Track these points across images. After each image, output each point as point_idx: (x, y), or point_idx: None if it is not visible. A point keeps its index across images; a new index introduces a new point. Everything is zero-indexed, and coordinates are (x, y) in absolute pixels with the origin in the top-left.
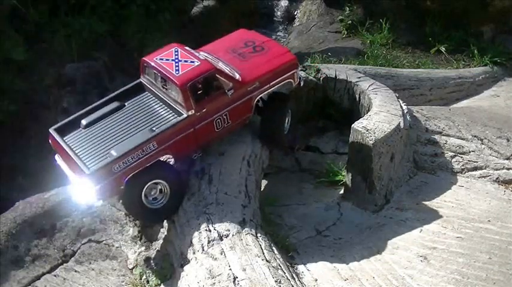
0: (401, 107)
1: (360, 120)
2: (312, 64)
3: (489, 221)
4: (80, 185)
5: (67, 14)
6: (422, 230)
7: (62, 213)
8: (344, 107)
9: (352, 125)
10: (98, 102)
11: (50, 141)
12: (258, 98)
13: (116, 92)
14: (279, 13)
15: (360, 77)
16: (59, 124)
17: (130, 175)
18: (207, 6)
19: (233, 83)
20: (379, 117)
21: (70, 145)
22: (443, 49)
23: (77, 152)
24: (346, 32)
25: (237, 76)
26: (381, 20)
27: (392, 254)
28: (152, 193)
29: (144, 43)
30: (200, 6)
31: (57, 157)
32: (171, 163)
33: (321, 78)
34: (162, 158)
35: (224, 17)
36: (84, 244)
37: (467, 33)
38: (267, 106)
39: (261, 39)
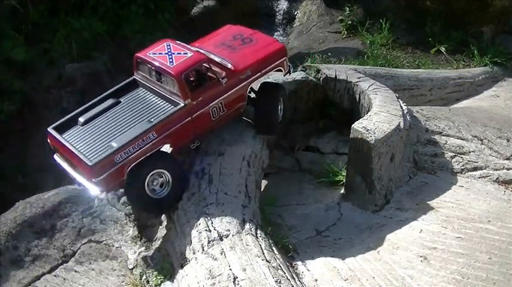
0: (401, 107)
1: (360, 120)
2: (312, 64)
3: (489, 221)
4: (82, 179)
5: (67, 14)
6: (422, 230)
7: (62, 213)
8: (344, 107)
9: (352, 125)
10: (93, 101)
11: (48, 140)
12: (250, 86)
13: (109, 90)
14: (279, 13)
15: (360, 77)
16: (56, 123)
17: (132, 165)
18: (207, 6)
19: (226, 72)
20: (379, 117)
21: (70, 141)
22: (443, 49)
23: (77, 147)
24: (346, 32)
25: (229, 65)
26: (380, 20)
27: (392, 254)
28: (154, 183)
29: (144, 43)
30: (200, 6)
31: (56, 157)
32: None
33: (321, 79)
34: (163, 149)
35: (224, 17)
36: (84, 244)
37: (467, 33)
38: (259, 96)
39: (248, 32)
